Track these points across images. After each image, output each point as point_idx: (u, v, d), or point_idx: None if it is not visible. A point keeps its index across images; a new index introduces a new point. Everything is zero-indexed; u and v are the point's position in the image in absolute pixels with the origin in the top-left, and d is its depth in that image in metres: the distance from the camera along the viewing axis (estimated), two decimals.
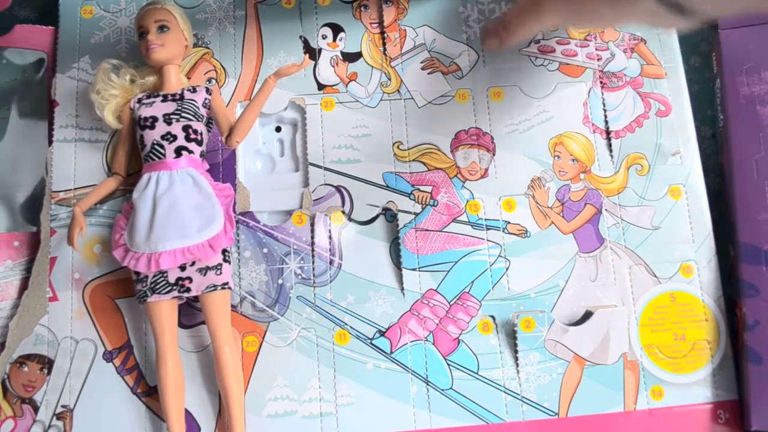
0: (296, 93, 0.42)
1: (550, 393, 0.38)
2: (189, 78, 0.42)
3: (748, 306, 0.39)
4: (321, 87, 0.43)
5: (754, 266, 0.40)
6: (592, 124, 0.43)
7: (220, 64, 0.43)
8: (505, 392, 0.38)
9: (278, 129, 0.43)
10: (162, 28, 0.39)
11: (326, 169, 0.41)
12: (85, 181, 0.41)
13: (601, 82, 0.43)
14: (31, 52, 0.43)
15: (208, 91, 0.40)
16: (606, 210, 0.41)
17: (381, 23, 0.44)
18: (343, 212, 0.41)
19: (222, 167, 0.41)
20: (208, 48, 0.43)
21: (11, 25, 0.43)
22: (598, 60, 0.43)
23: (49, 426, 0.38)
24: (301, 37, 0.43)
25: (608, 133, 0.42)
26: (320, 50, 0.43)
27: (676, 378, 0.39)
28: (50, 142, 0.41)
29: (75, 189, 0.41)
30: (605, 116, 0.43)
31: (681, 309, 0.40)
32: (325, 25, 0.44)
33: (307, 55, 0.39)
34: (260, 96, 0.39)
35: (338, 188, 0.41)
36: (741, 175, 0.41)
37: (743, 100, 0.42)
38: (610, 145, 0.42)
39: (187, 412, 0.38)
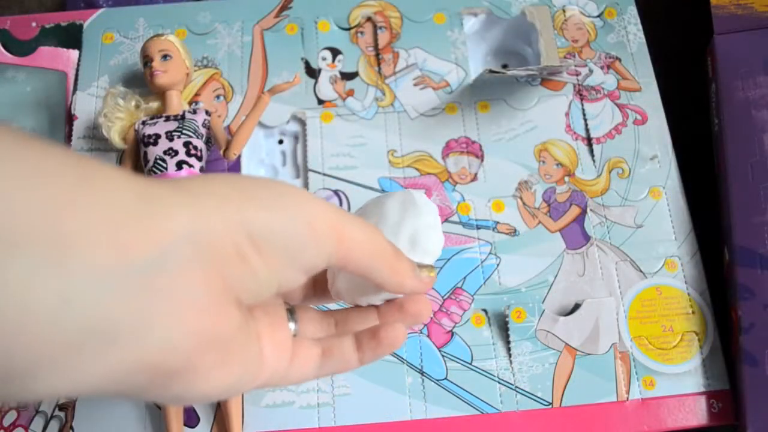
0: (297, 107, 0.46)
1: (543, 383, 0.39)
2: (199, 94, 0.46)
3: (743, 309, 0.40)
4: (320, 102, 0.46)
5: (749, 269, 0.40)
6: (574, 132, 0.45)
7: (228, 83, 0.46)
8: (499, 382, 0.39)
9: (281, 141, 0.46)
10: (165, 57, 0.43)
11: (325, 174, 0.44)
12: None
13: (580, 95, 0.46)
14: (53, 75, 0.47)
15: (207, 112, 0.43)
16: (591, 210, 0.43)
17: (376, 47, 0.48)
18: None
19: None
20: (218, 68, 0.47)
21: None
22: (577, 75, 0.47)
23: (52, 417, 0.38)
24: (302, 58, 0.47)
25: (589, 140, 0.45)
26: (320, 70, 0.47)
27: (667, 368, 0.40)
28: None
29: None
30: (586, 125, 0.45)
31: (667, 302, 0.41)
32: (325, 48, 0.48)
33: (298, 73, 0.42)
34: (256, 111, 0.42)
35: (336, 192, 0.43)
36: (736, 178, 0.42)
37: (738, 105, 0.43)
38: (591, 151, 0.45)
39: None
